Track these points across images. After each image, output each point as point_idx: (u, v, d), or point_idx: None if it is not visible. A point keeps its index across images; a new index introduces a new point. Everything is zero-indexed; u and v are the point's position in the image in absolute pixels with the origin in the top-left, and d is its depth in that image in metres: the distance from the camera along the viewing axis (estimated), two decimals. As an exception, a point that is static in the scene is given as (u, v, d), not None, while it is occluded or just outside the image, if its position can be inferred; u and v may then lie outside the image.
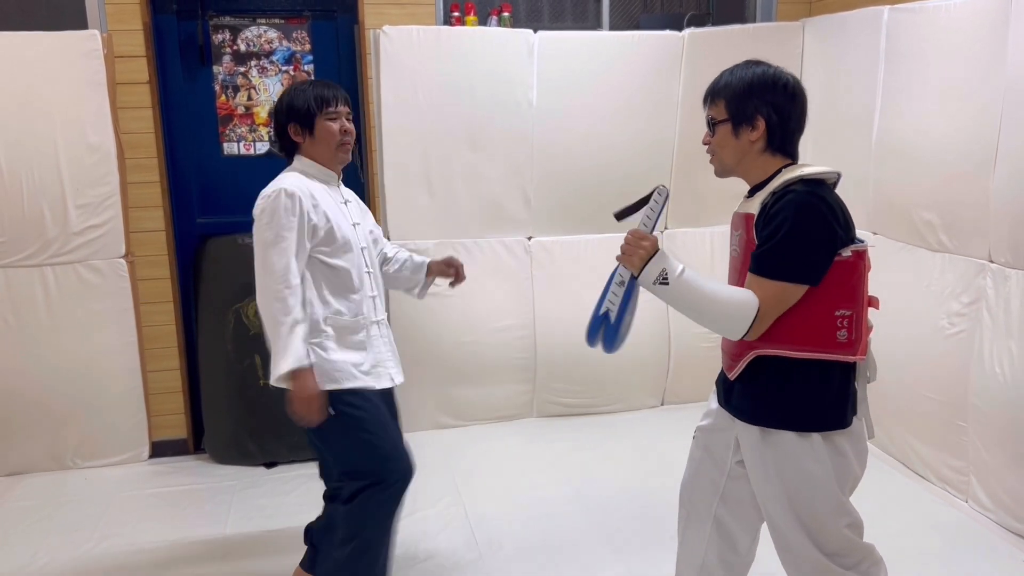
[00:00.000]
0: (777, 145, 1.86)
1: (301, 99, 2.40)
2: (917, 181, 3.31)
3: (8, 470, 3.58)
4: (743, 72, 1.87)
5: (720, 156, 1.93)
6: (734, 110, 1.86)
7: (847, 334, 1.78)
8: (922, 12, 3.25)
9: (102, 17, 3.45)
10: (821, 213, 1.74)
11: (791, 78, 1.86)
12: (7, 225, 3.39)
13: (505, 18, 3.90)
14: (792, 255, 1.75)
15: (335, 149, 2.45)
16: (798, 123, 1.87)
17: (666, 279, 1.80)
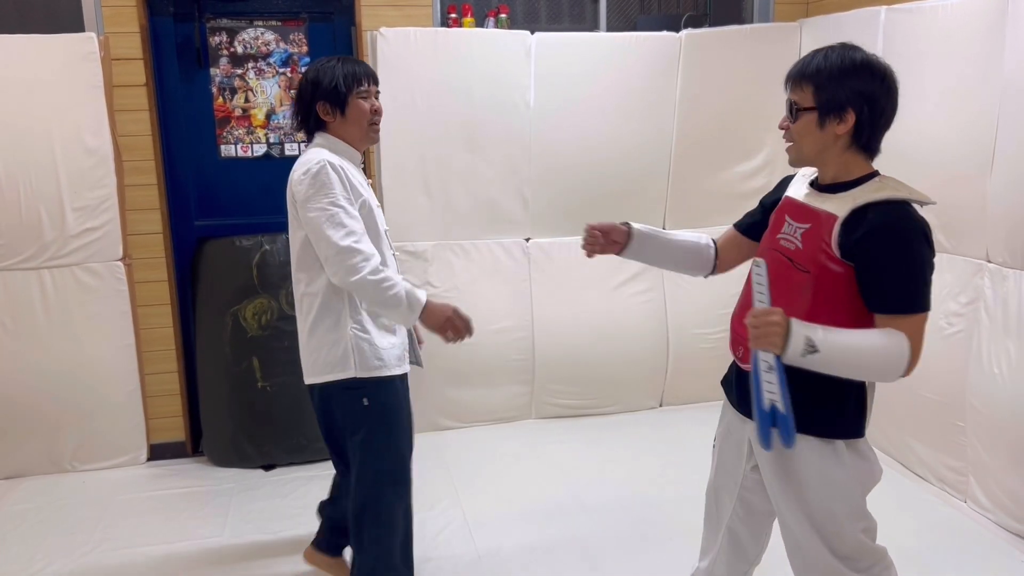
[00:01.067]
0: (863, 142, 1.73)
1: (331, 76, 2.31)
2: (914, 181, 3.28)
3: (6, 473, 3.58)
4: (838, 56, 1.70)
5: (799, 145, 1.78)
6: (824, 98, 1.70)
7: None
8: (919, 13, 3.25)
9: (99, 20, 3.45)
10: (924, 239, 1.68)
11: (889, 69, 1.71)
12: (4, 228, 3.39)
13: (502, 19, 3.89)
14: (924, 284, 1.68)
15: (367, 128, 2.39)
16: (889, 119, 1.74)
17: (815, 347, 1.63)
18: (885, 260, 1.66)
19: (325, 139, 2.38)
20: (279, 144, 3.86)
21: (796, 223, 1.81)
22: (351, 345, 2.28)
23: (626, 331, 4.09)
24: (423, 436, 3.94)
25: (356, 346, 2.28)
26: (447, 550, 2.96)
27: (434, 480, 3.50)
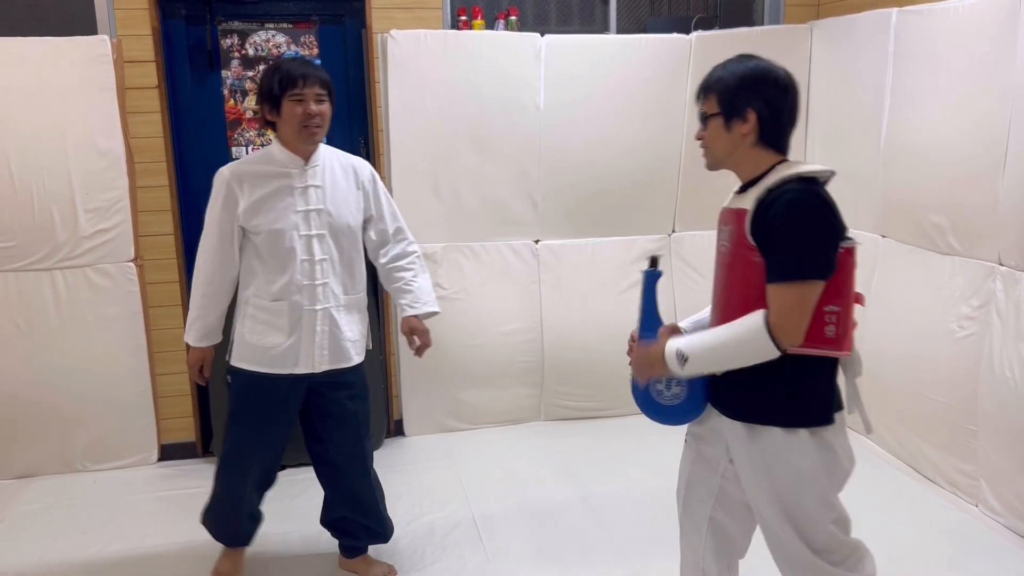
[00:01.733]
0: (769, 139, 1.86)
1: (269, 79, 2.43)
2: (926, 184, 3.30)
3: (18, 473, 3.60)
4: (735, 66, 1.86)
5: (712, 149, 1.93)
6: (726, 104, 1.85)
7: (835, 329, 1.79)
8: (931, 14, 3.24)
9: (112, 22, 3.47)
10: (820, 208, 1.75)
11: (783, 72, 1.86)
12: (17, 229, 3.41)
13: (512, 22, 3.90)
14: (804, 254, 1.74)
15: (298, 131, 2.44)
16: (790, 117, 1.87)
17: (684, 356, 1.84)
18: (773, 231, 1.77)
19: (274, 142, 2.52)
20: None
21: (724, 227, 1.95)
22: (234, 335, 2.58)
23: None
24: (431, 437, 3.96)
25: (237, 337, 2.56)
26: (456, 551, 2.97)
27: (443, 481, 3.50)
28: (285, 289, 2.48)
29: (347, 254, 2.57)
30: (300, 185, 2.48)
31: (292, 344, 2.50)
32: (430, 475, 3.58)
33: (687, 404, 1.99)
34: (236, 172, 2.47)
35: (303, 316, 2.50)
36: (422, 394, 3.98)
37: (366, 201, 2.63)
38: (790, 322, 1.74)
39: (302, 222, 2.46)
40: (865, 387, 3.76)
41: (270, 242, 2.46)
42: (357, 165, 2.63)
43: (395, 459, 3.76)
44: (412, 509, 3.28)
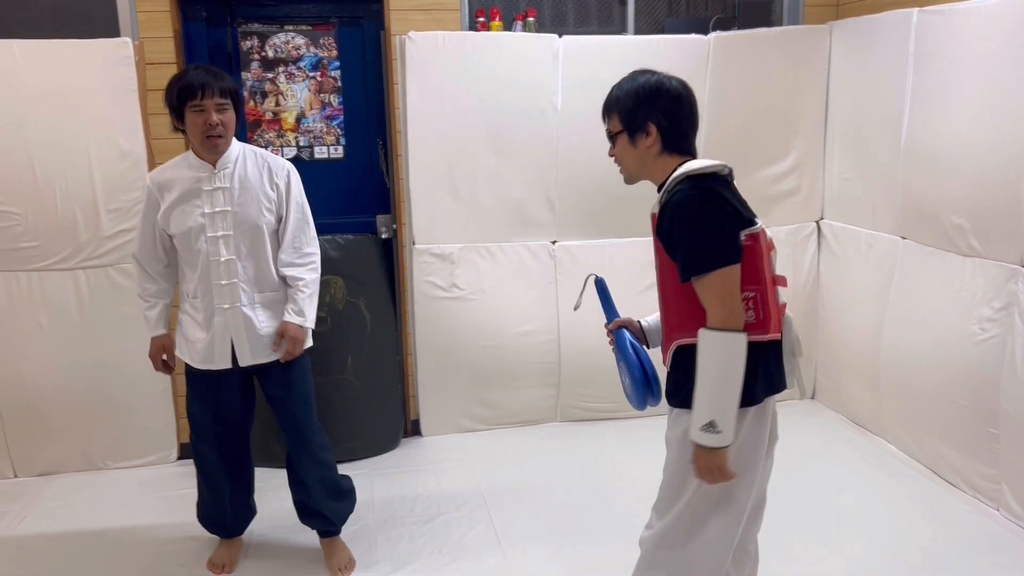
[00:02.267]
0: (672, 146, 1.95)
1: (171, 89, 2.51)
2: (947, 185, 3.27)
3: (40, 470, 3.64)
4: (630, 84, 1.98)
5: (624, 165, 2.03)
6: (627, 121, 1.96)
7: (754, 314, 1.87)
8: (952, 14, 3.21)
9: (134, 25, 3.51)
10: (708, 200, 1.84)
11: (676, 82, 1.98)
12: (41, 230, 3.45)
13: (530, 23, 3.90)
14: (705, 245, 1.82)
15: (200, 140, 2.52)
16: (689, 123, 1.97)
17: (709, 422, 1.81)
18: (673, 233, 1.86)
19: (188, 151, 2.63)
20: (309, 147, 3.90)
21: (651, 236, 2.00)
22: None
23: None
24: (448, 437, 3.97)
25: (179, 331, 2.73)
26: (473, 552, 2.97)
27: (460, 481, 3.51)
28: (198, 288, 2.63)
29: (258, 253, 2.64)
30: (208, 188, 2.57)
31: (208, 340, 2.63)
32: (447, 475, 3.59)
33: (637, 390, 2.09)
34: (155, 179, 2.62)
35: (215, 314, 2.61)
36: (439, 394, 3.99)
37: (279, 202, 2.67)
38: (724, 307, 1.81)
39: (208, 223, 2.56)
40: (885, 390, 3.75)
41: (182, 244, 2.61)
42: (274, 165, 2.67)
43: (412, 459, 3.77)
44: (429, 509, 3.29)
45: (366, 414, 3.76)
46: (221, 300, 2.60)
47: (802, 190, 4.14)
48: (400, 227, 3.89)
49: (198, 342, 2.65)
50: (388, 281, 3.92)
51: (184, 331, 2.69)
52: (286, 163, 2.71)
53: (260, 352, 2.67)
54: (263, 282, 2.66)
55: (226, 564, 2.89)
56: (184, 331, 2.69)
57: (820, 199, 4.19)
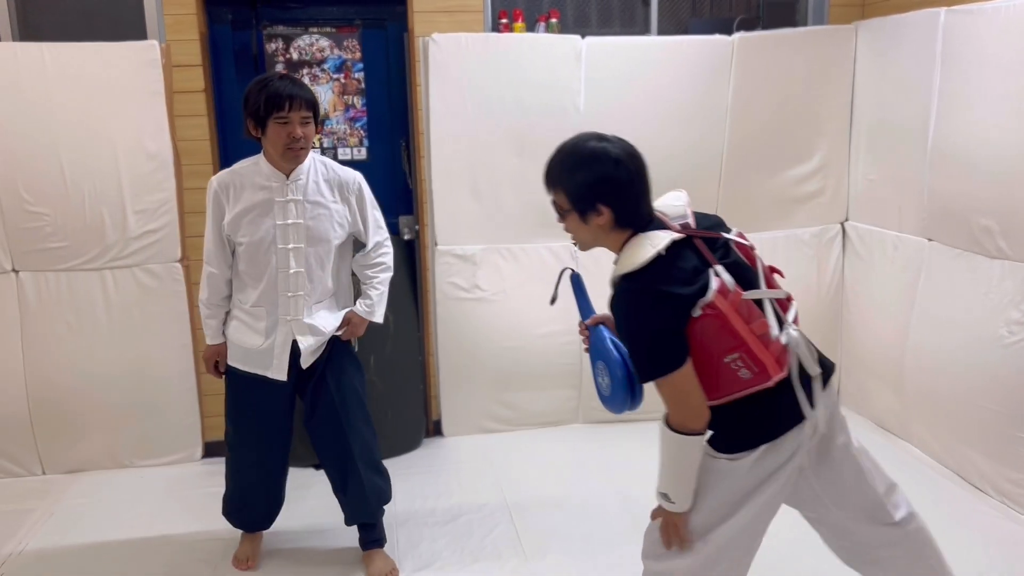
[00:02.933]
0: (625, 222, 1.86)
1: (255, 98, 2.47)
2: (975, 187, 3.24)
3: (68, 468, 3.69)
4: (571, 156, 1.87)
5: (577, 237, 1.96)
6: (576, 201, 1.86)
7: (748, 371, 1.80)
8: (980, 14, 3.18)
9: (161, 28, 3.55)
10: (642, 307, 1.78)
11: (622, 151, 1.86)
12: (69, 230, 3.50)
13: (553, 24, 3.90)
14: (646, 354, 1.80)
15: (281, 152, 2.50)
16: (641, 193, 1.87)
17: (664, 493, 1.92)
18: (620, 332, 1.86)
19: (260, 156, 2.60)
20: (332, 149, 3.93)
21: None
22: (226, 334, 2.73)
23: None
24: (470, 438, 3.97)
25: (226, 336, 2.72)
26: (494, 552, 2.98)
27: (481, 482, 3.52)
28: (263, 297, 2.61)
29: (324, 266, 2.65)
30: (280, 199, 2.55)
31: (267, 348, 2.63)
32: (468, 476, 3.60)
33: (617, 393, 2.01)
34: (223, 182, 2.59)
35: (278, 324, 2.62)
36: (460, 395, 4.00)
37: (352, 215, 2.70)
38: (680, 411, 1.81)
39: (280, 235, 2.56)
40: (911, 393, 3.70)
41: (249, 253, 2.58)
42: (345, 178, 2.68)
43: (433, 459, 3.78)
44: (451, 509, 3.29)
45: (388, 414, 3.77)
46: (286, 311, 2.60)
47: (827, 191, 4.11)
48: (422, 228, 3.90)
49: (254, 348, 2.64)
50: (410, 282, 3.94)
51: (236, 336, 2.67)
52: (356, 174, 2.72)
53: (319, 350, 2.69)
54: (322, 292, 2.68)
55: (249, 558, 2.92)
56: (236, 336, 2.67)
57: (845, 200, 4.15)
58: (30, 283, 3.54)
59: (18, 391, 3.57)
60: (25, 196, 3.44)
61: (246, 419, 2.77)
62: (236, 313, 2.69)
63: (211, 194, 2.60)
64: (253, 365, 2.67)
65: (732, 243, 1.90)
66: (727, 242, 1.90)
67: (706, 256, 1.83)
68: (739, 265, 1.87)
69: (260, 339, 2.63)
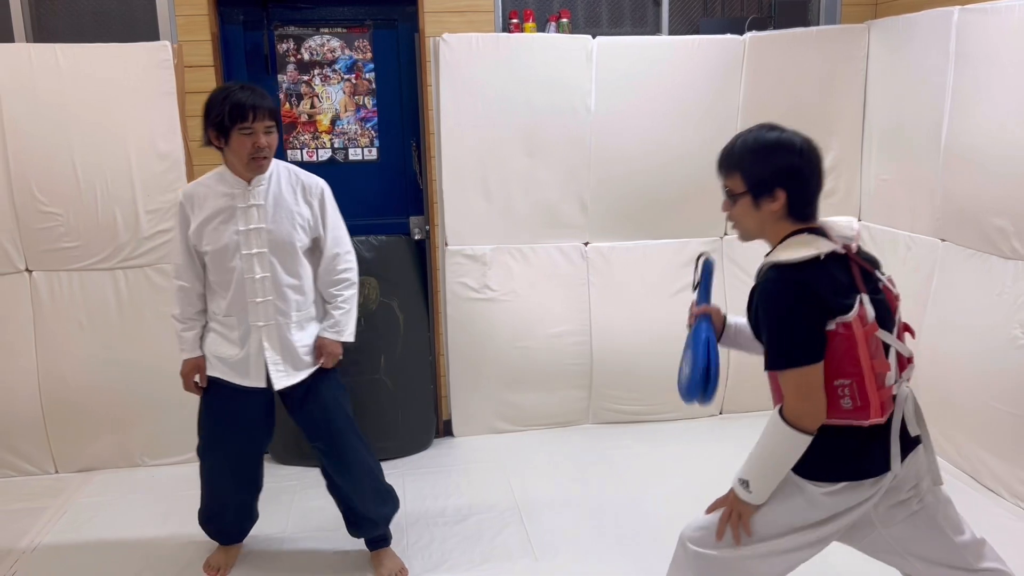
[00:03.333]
0: (796, 213, 1.86)
1: (218, 109, 2.46)
2: (989, 187, 3.21)
3: (81, 466, 3.71)
4: (756, 142, 1.87)
5: (742, 225, 1.94)
6: (752, 182, 1.86)
7: (851, 401, 1.80)
8: (994, 13, 3.15)
9: (173, 28, 3.57)
10: (789, 297, 1.77)
11: (804, 142, 1.86)
12: (82, 230, 3.52)
13: (563, 24, 3.90)
14: (783, 344, 1.79)
15: (246, 163, 2.50)
16: (817, 186, 1.87)
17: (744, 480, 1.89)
18: (759, 320, 1.84)
19: (222, 166, 2.59)
20: (343, 149, 3.94)
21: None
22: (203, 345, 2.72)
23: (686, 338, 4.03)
24: (480, 438, 3.97)
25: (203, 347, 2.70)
26: (504, 552, 2.97)
27: (491, 482, 3.51)
28: (232, 306, 2.61)
29: (292, 271, 2.62)
30: (242, 205, 2.54)
31: (243, 357, 2.62)
32: (479, 476, 3.60)
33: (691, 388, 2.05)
34: (188, 193, 2.60)
35: (250, 332, 2.61)
36: (471, 395, 4.00)
37: (314, 220, 2.67)
38: (798, 406, 1.79)
39: (243, 241, 2.54)
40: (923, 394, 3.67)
41: (215, 261, 2.57)
42: (307, 183, 2.67)
43: (444, 459, 3.78)
44: (461, 509, 3.29)
45: (398, 414, 3.78)
46: (256, 318, 2.59)
47: (839, 191, 4.09)
48: (433, 228, 3.91)
49: (231, 358, 2.63)
50: (421, 282, 3.94)
51: (213, 348, 2.66)
52: (319, 181, 2.70)
53: (294, 371, 2.66)
54: (298, 300, 2.65)
55: (221, 568, 2.91)
56: (213, 348, 2.66)
57: (857, 200, 4.13)
58: (43, 283, 3.56)
59: (31, 390, 3.60)
60: (39, 196, 3.46)
61: (221, 428, 2.72)
62: (212, 325, 2.68)
63: (178, 206, 2.61)
64: (231, 375, 2.64)
65: (882, 284, 1.90)
66: (879, 281, 1.90)
67: (857, 281, 1.83)
68: (882, 305, 1.86)
69: (236, 349, 2.62)
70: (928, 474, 1.94)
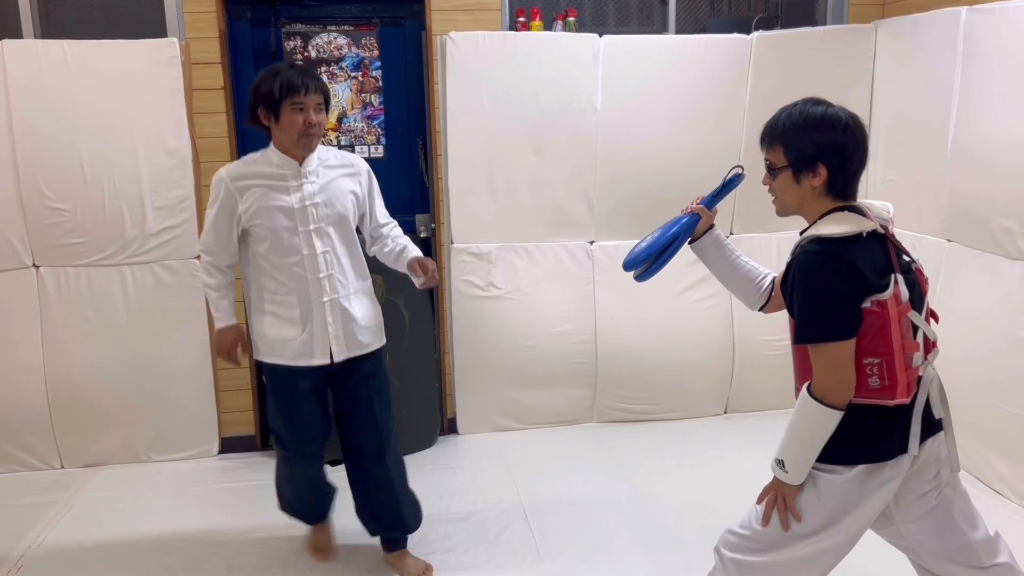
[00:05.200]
0: (837, 190, 1.86)
1: (269, 83, 2.46)
2: (995, 187, 3.21)
3: (87, 462, 3.72)
4: (801, 115, 1.85)
5: (782, 199, 1.94)
6: (794, 156, 1.85)
7: (879, 381, 1.79)
8: (1002, 13, 3.15)
9: (180, 25, 3.57)
10: (830, 271, 1.76)
11: (850, 118, 1.84)
12: (89, 226, 3.53)
13: (570, 23, 3.90)
14: (816, 318, 1.79)
15: (296, 139, 2.49)
16: (860, 163, 1.86)
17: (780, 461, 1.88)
18: (794, 293, 1.82)
19: (269, 147, 2.57)
20: (350, 146, 3.94)
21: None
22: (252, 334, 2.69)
23: (691, 337, 4.05)
24: (484, 436, 3.98)
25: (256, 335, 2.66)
26: (508, 550, 2.98)
27: (496, 480, 3.52)
28: (292, 284, 2.57)
29: (348, 244, 2.65)
30: (295, 182, 2.54)
31: (306, 337, 2.58)
32: (483, 473, 3.60)
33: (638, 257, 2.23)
34: (233, 174, 2.55)
35: (312, 308, 2.58)
36: (475, 393, 4.00)
37: (362, 196, 2.69)
38: (828, 381, 1.79)
39: (300, 218, 2.54)
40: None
41: (273, 241, 2.54)
42: (352, 161, 2.70)
43: (448, 457, 3.79)
44: (465, 507, 3.30)
45: (403, 411, 3.78)
46: (319, 294, 2.57)
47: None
48: (439, 226, 3.91)
49: (292, 339, 2.58)
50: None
51: (269, 331, 2.60)
52: (363, 161, 2.74)
53: (355, 345, 2.65)
54: (355, 272, 2.67)
55: (326, 547, 2.96)
56: (269, 331, 2.60)
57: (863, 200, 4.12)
58: (50, 278, 3.57)
59: (38, 386, 3.61)
60: (46, 192, 3.47)
61: (285, 416, 2.69)
62: (267, 308, 2.61)
63: (219, 185, 2.55)
64: (293, 357, 2.60)
65: (915, 266, 1.90)
66: (912, 263, 1.90)
67: (893, 261, 1.84)
68: (914, 286, 1.87)
69: (297, 329, 2.58)
70: (947, 461, 1.94)
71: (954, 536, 1.94)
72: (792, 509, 1.87)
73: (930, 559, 1.98)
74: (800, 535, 1.88)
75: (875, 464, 1.83)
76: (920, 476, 1.90)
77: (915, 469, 1.88)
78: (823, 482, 1.86)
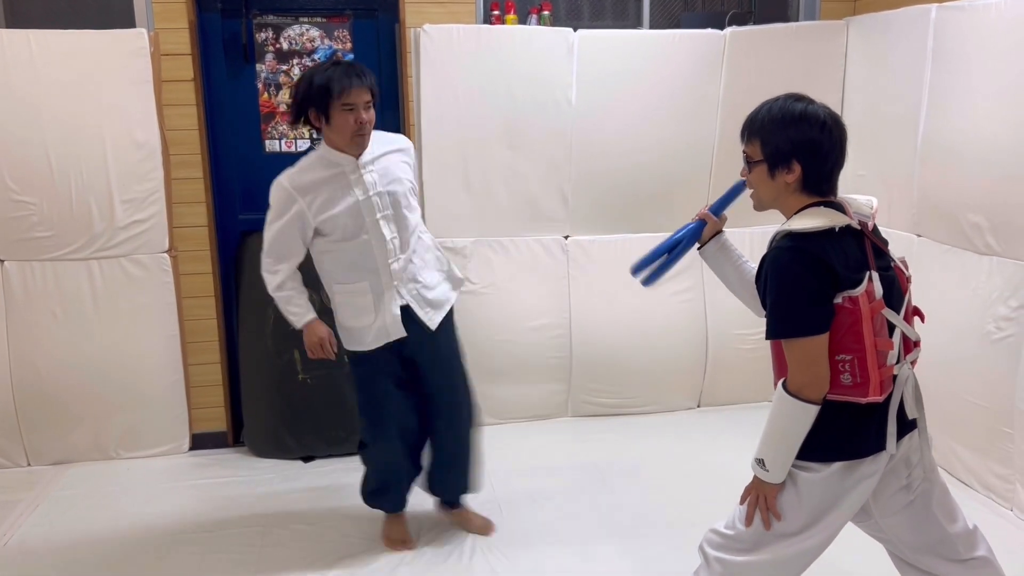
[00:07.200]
0: (812, 187, 1.86)
1: (319, 83, 2.48)
2: (964, 183, 3.25)
3: (54, 459, 3.67)
4: (780, 110, 1.85)
5: (758, 193, 1.95)
6: (769, 151, 1.85)
7: (851, 377, 1.80)
8: (971, 10, 3.19)
9: (149, 16, 3.52)
10: (800, 265, 1.76)
11: (829, 116, 1.84)
12: (56, 220, 3.47)
13: (545, 17, 3.89)
14: (786, 313, 1.79)
15: (350, 139, 2.54)
16: (836, 162, 1.86)
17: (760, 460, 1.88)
18: (765, 288, 1.83)
19: (321, 145, 2.64)
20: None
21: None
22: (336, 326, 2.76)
23: (665, 331, 4.06)
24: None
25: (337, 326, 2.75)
26: (483, 544, 2.98)
27: (471, 475, 3.51)
28: (364, 274, 2.64)
29: (414, 224, 2.73)
30: (354, 175, 2.59)
31: (380, 321, 2.66)
32: (458, 469, 3.59)
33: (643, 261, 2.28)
34: (295, 182, 2.58)
35: (384, 292, 2.64)
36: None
37: (413, 176, 2.79)
38: (803, 376, 1.79)
39: (365, 208, 2.59)
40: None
41: (344, 235, 2.60)
42: (400, 143, 2.78)
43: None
44: (440, 502, 3.29)
45: (377, 407, 3.77)
46: (392, 279, 2.65)
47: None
48: (413, 220, 3.89)
49: (369, 325, 2.67)
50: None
51: (349, 321, 2.70)
52: (405, 139, 2.81)
53: (436, 313, 2.75)
54: (421, 247, 2.74)
55: (406, 538, 2.96)
56: (349, 321, 2.70)
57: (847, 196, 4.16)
58: (16, 273, 3.50)
59: (3, 382, 3.54)
60: (11, 185, 3.40)
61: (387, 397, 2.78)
62: (340, 300, 2.69)
63: (282, 195, 2.58)
64: (375, 339, 2.68)
65: (894, 264, 1.90)
66: (891, 261, 1.90)
67: (869, 258, 1.83)
68: (891, 284, 1.86)
69: (370, 316, 2.65)
70: (920, 464, 1.95)
71: (932, 529, 1.96)
72: (773, 508, 1.88)
73: (908, 551, 2.00)
74: (782, 534, 1.89)
75: (852, 461, 1.84)
76: (896, 472, 1.92)
77: (891, 466, 1.90)
78: (802, 481, 1.86)
